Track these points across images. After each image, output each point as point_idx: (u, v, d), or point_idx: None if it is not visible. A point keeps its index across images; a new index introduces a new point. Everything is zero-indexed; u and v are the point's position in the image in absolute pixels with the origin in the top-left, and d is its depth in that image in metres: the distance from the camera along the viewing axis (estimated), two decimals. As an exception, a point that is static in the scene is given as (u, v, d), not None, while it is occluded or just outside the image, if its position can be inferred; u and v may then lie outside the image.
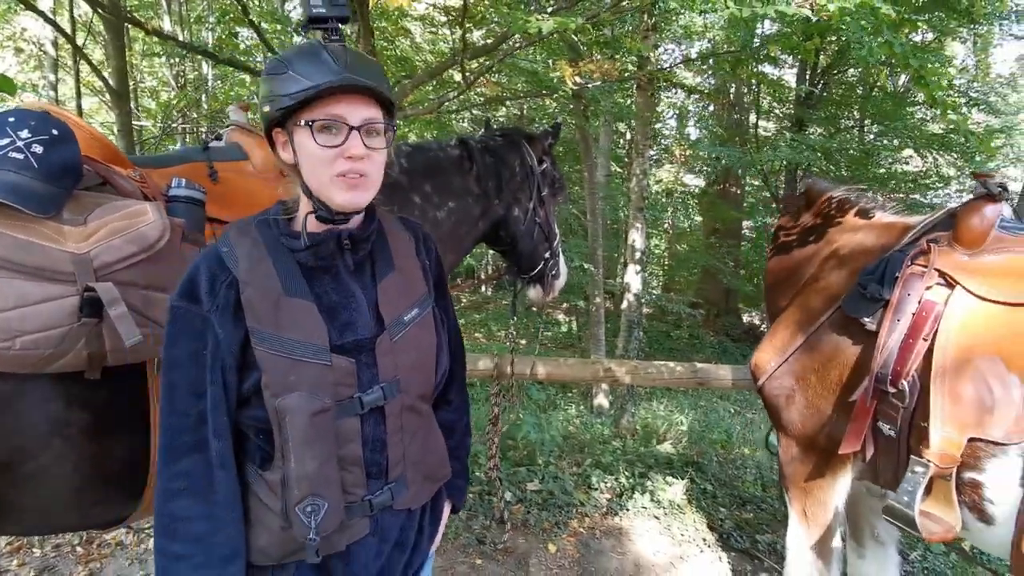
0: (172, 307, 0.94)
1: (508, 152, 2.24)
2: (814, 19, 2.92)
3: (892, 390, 1.53)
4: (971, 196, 1.71)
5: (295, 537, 0.95)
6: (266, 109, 0.95)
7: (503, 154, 2.23)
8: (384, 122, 0.98)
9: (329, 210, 0.97)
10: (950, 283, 1.55)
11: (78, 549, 2.83)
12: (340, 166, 0.93)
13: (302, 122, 0.93)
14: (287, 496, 0.94)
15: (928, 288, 1.57)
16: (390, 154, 1.03)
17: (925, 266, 1.60)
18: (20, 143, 1.14)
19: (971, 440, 1.41)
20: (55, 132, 1.19)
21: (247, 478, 0.99)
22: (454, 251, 2.16)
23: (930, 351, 1.50)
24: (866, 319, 1.65)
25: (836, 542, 1.88)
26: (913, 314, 1.55)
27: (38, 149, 1.15)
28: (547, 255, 2.35)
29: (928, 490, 1.47)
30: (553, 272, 2.41)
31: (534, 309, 9.93)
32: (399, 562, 1.09)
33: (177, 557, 0.93)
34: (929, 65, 2.94)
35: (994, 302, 1.47)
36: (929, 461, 1.43)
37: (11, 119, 1.17)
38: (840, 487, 1.81)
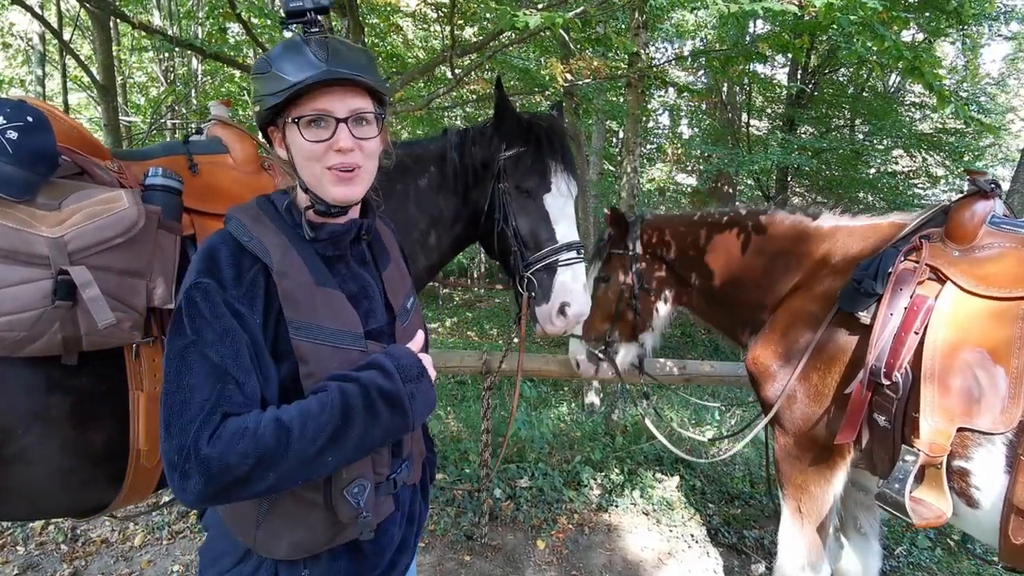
0: (200, 283, 0.87)
1: (477, 141, 1.90)
2: (801, 16, 2.92)
3: (886, 382, 1.57)
4: (963, 193, 1.73)
5: (340, 521, 0.95)
6: (257, 109, 0.96)
7: (471, 145, 1.90)
8: (373, 111, 0.97)
9: (325, 204, 0.98)
10: (941, 278, 1.58)
11: (63, 547, 2.79)
12: (330, 159, 0.94)
13: (290, 119, 0.93)
14: (334, 481, 0.94)
15: (920, 283, 1.59)
16: (387, 141, 1.04)
17: (917, 262, 1.62)
18: None
19: (960, 430, 1.45)
20: (30, 119, 1.19)
21: None
22: (427, 254, 1.93)
23: (921, 344, 1.52)
24: (860, 313, 1.67)
25: (829, 538, 1.89)
26: (905, 308, 1.58)
27: (12, 135, 1.16)
28: (519, 267, 1.81)
29: (920, 478, 1.52)
30: (533, 293, 1.80)
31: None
32: (412, 534, 1.14)
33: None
34: (923, 55, 2.94)
35: (982, 297, 1.50)
36: (919, 450, 1.47)
37: None
38: (836, 483, 1.83)
